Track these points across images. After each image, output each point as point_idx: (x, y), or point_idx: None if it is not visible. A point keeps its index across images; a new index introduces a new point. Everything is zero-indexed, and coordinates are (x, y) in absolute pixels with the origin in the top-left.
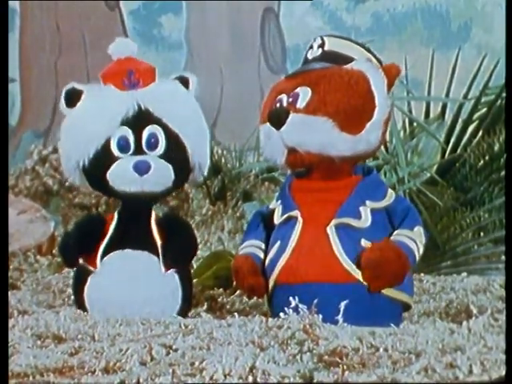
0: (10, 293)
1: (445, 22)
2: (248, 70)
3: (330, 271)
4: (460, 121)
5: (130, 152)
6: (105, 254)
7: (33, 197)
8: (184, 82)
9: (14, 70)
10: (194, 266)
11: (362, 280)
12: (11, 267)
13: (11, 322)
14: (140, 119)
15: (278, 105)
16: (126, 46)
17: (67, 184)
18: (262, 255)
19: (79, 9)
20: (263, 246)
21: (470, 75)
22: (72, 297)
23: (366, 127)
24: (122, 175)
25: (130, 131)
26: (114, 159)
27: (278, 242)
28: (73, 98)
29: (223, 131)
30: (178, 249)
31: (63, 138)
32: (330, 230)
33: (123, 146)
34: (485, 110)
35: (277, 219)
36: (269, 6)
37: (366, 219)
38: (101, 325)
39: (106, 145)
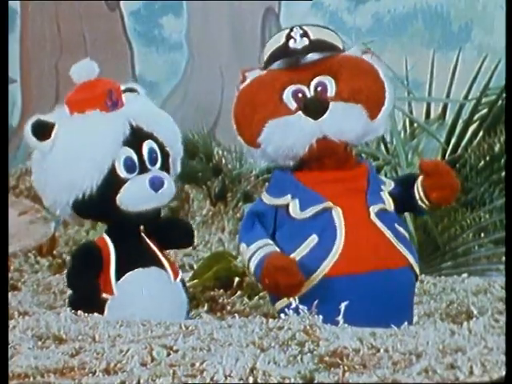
0: (10, 294)
1: (445, 23)
2: None
3: (390, 257)
4: (460, 121)
5: (137, 171)
6: (116, 278)
7: (33, 198)
8: (135, 91)
9: (14, 71)
10: (195, 267)
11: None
12: (12, 268)
13: (12, 322)
14: (136, 137)
15: (300, 95)
16: (91, 67)
17: None
18: None
19: (80, 9)
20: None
21: (470, 76)
22: None
23: (381, 113)
24: (138, 195)
25: (131, 151)
26: (122, 182)
27: (314, 236)
28: (45, 130)
29: (224, 132)
30: (179, 231)
31: (53, 173)
32: (374, 218)
33: (130, 166)
34: (485, 110)
35: (297, 214)
36: (269, 7)
37: (389, 203)
38: (101, 326)
39: (112, 169)
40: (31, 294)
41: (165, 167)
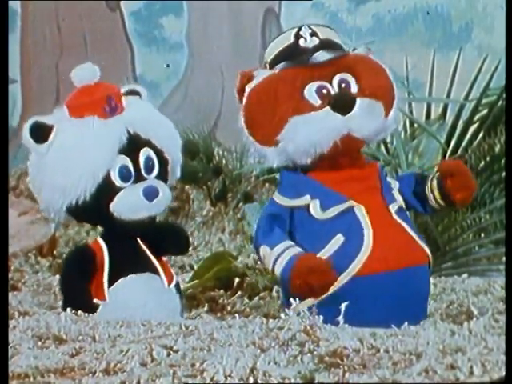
0: (10, 294)
1: (446, 23)
2: None
3: (416, 254)
4: (461, 122)
5: (132, 180)
6: (109, 284)
7: (34, 198)
8: (138, 94)
9: (14, 71)
10: (195, 268)
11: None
12: (12, 268)
13: (12, 323)
14: (133, 145)
15: (324, 91)
16: (92, 71)
17: None
18: None
19: (80, 9)
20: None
21: (471, 76)
22: None
23: (392, 111)
24: (132, 204)
25: (127, 159)
26: (116, 190)
27: (339, 236)
28: (43, 132)
29: (224, 132)
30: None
31: (49, 176)
32: (396, 216)
33: (125, 175)
34: (486, 111)
35: (318, 214)
36: (270, 7)
37: (401, 202)
38: (101, 326)
39: (107, 176)
40: (31, 295)
41: (162, 175)
